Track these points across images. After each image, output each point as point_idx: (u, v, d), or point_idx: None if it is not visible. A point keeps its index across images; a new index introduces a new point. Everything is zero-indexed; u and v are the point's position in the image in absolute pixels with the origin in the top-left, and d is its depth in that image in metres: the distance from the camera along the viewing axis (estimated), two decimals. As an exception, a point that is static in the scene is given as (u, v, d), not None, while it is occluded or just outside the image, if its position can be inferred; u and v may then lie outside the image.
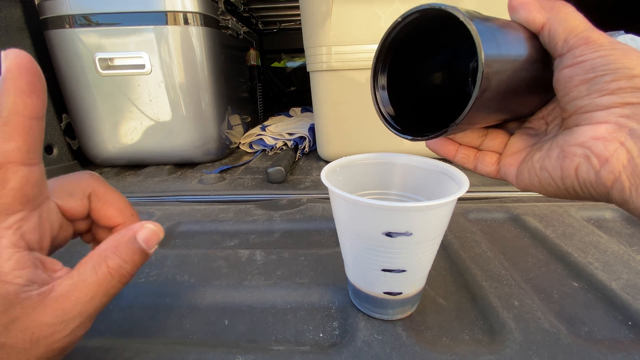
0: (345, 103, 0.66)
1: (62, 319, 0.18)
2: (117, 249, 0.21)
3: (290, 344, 0.26)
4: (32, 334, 0.18)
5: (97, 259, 0.20)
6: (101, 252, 0.20)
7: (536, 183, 0.23)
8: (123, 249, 0.21)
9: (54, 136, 0.69)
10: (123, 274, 0.20)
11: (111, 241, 0.21)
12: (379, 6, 0.59)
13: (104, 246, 0.21)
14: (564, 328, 0.26)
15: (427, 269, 0.26)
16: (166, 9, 0.62)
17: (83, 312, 0.19)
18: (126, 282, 0.21)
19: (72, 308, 0.19)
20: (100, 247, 0.21)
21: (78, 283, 0.19)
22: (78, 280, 0.19)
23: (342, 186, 0.23)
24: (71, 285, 0.19)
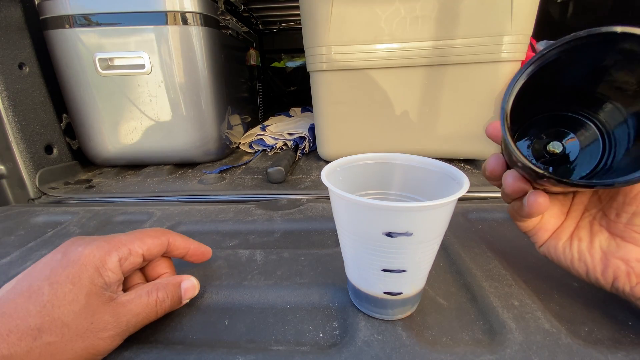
0: (345, 103, 0.66)
1: (115, 320, 0.24)
2: (167, 286, 0.27)
3: (290, 344, 0.26)
4: (91, 323, 0.23)
5: (152, 287, 0.27)
6: (157, 284, 0.27)
7: (566, 264, 0.27)
8: (170, 289, 0.27)
9: (54, 136, 0.69)
10: (162, 307, 0.27)
11: (164, 279, 0.28)
12: (379, 6, 0.59)
13: (160, 281, 0.28)
14: (564, 328, 0.26)
15: (427, 269, 0.26)
16: (166, 9, 0.62)
17: (129, 321, 0.24)
18: (160, 315, 0.27)
19: (124, 315, 0.24)
20: (157, 281, 0.28)
21: (135, 298, 0.25)
22: (135, 296, 0.25)
23: (342, 186, 0.23)
24: (129, 300, 0.25)
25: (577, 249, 0.25)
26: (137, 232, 0.28)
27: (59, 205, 0.57)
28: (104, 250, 0.25)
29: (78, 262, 0.23)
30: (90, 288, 0.23)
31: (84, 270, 0.23)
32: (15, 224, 0.48)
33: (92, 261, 0.24)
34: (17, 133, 0.60)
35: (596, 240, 0.25)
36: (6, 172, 0.60)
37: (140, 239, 0.27)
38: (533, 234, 0.28)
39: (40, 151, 0.65)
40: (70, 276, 0.23)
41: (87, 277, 0.23)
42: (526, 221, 0.28)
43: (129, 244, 0.27)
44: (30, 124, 0.63)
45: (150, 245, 0.28)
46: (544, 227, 0.27)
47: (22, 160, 0.61)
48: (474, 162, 0.73)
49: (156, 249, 0.28)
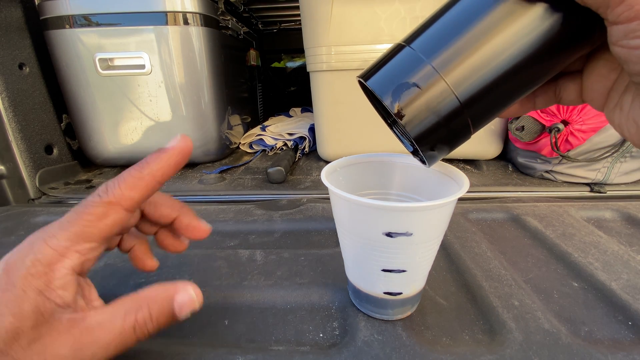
0: (345, 103, 0.66)
1: (75, 354, 0.18)
2: (153, 303, 0.21)
3: (290, 344, 0.26)
4: (44, 359, 0.18)
5: (131, 306, 0.20)
6: (139, 299, 0.21)
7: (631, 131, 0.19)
8: (155, 306, 0.21)
9: (54, 136, 0.69)
10: (144, 332, 0.20)
11: (152, 291, 0.21)
12: (379, 6, 0.59)
13: (146, 293, 0.21)
14: (564, 328, 0.26)
15: (427, 269, 0.26)
16: (166, 9, 0.62)
17: (95, 354, 0.19)
18: (142, 339, 0.20)
19: (89, 346, 0.19)
20: (142, 293, 0.21)
21: (106, 323, 0.19)
22: (107, 319, 0.19)
23: (342, 186, 0.23)
24: (99, 323, 0.19)
25: (618, 121, 0.19)
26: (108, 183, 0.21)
27: (59, 205, 0.57)
28: (47, 259, 0.19)
29: (16, 286, 0.18)
30: (36, 318, 0.18)
31: (24, 296, 0.18)
32: (15, 224, 0.48)
33: (34, 283, 0.18)
34: (17, 133, 0.60)
35: (632, 110, 0.18)
36: (6, 172, 0.60)
37: (114, 186, 0.20)
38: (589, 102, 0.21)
39: (41, 151, 0.65)
40: (9, 305, 0.18)
41: (29, 305, 0.18)
42: None
43: (89, 216, 0.19)
44: (30, 124, 0.63)
45: (129, 186, 0.20)
46: (589, 95, 0.21)
47: (22, 160, 0.61)
48: (474, 162, 0.73)
49: (144, 189, 0.21)
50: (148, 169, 0.20)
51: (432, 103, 0.18)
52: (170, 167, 0.21)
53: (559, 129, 0.55)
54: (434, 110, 0.18)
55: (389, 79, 0.18)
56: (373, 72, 0.19)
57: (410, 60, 0.18)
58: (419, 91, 0.18)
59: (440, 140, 0.19)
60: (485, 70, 0.17)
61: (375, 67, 0.19)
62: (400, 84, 0.18)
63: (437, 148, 0.20)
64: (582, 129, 0.55)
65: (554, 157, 0.59)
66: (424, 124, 0.18)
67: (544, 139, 0.59)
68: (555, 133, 0.56)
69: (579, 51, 0.18)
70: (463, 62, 0.17)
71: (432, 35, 0.18)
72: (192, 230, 0.26)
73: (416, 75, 0.18)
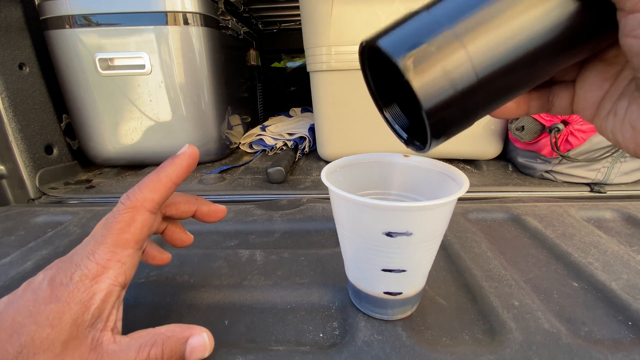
0: (345, 103, 0.67)
1: None
2: (167, 341, 0.21)
3: (290, 344, 0.26)
4: None
5: (147, 340, 0.21)
6: (155, 335, 0.21)
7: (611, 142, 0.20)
8: (170, 345, 0.21)
9: (54, 136, 0.69)
10: None
11: (168, 330, 0.22)
12: (379, 6, 0.59)
13: (161, 330, 0.22)
14: (564, 328, 0.26)
15: (427, 269, 0.26)
16: (166, 9, 0.63)
17: None
18: None
19: None
20: (158, 330, 0.22)
21: (121, 352, 0.20)
22: (123, 350, 0.20)
23: (342, 186, 0.23)
24: (115, 353, 0.20)
25: (611, 127, 0.20)
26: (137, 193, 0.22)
27: (59, 205, 0.57)
28: (93, 272, 0.20)
29: (61, 299, 0.19)
30: (70, 332, 0.19)
31: (66, 308, 0.19)
32: (15, 224, 0.48)
33: (78, 296, 0.19)
34: (17, 133, 0.60)
35: (628, 114, 0.19)
36: (6, 172, 0.60)
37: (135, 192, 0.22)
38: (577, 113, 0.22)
39: (41, 151, 0.65)
40: (50, 317, 0.18)
41: (69, 316, 0.19)
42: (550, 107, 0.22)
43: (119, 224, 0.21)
44: (30, 124, 0.63)
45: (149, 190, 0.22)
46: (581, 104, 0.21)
47: (22, 160, 0.61)
48: (474, 162, 0.73)
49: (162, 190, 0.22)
50: (164, 172, 0.22)
51: (449, 70, 0.16)
52: (184, 169, 0.23)
53: (559, 129, 0.55)
54: (451, 79, 0.16)
55: (402, 39, 0.16)
56: (383, 34, 0.17)
57: (428, 24, 0.16)
58: (437, 54, 0.16)
59: (451, 115, 0.17)
60: (505, 49, 0.16)
61: (385, 30, 0.17)
62: (416, 42, 0.16)
63: (445, 125, 0.18)
64: (582, 129, 0.55)
65: (554, 157, 0.59)
66: (438, 92, 0.16)
67: (544, 139, 0.59)
68: (555, 133, 0.56)
69: (589, 46, 0.18)
70: (485, 36, 0.16)
71: (453, 4, 0.17)
72: (214, 214, 0.29)
73: (434, 38, 0.16)
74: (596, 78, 0.20)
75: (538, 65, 0.18)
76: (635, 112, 0.18)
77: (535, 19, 0.16)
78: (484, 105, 0.18)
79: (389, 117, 0.23)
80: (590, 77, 0.20)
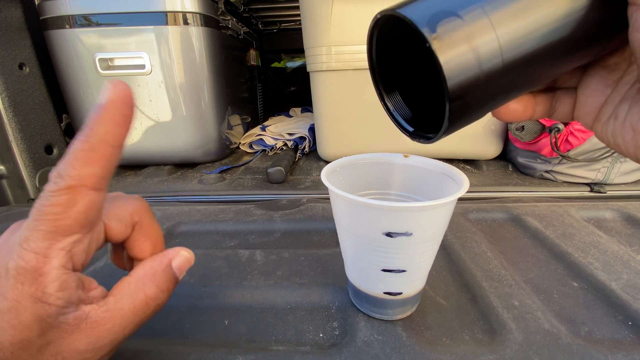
0: (345, 103, 0.66)
1: (93, 346, 0.18)
2: (155, 277, 0.21)
3: (290, 344, 0.26)
4: (62, 358, 0.18)
5: (135, 287, 0.20)
6: (138, 279, 0.20)
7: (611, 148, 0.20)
8: (160, 278, 0.21)
9: (54, 136, 0.69)
10: (158, 304, 0.21)
11: (148, 268, 0.21)
12: (379, 6, 0.58)
13: (141, 272, 0.21)
14: (564, 328, 0.26)
15: (427, 269, 0.26)
16: (166, 9, 0.62)
17: (114, 340, 0.19)
18: (158, 310, 0.21)
19: (105, 336, 0.18)
20: (137, 274, 0.21)
21: (114, 311, 0.19)
22: (114, 307, 0.19)
23: (342, 186, 0.23)
24: (107, 312, 0.19)
25: (612, 130, 0.20)
26: None
27: (59, 205, 0.57)
28: (32, 264, 0.17)
29: (8, 297, 0.17)
30: (40, 326, 0.17)
31: (19, 307, 0.17)
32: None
33: (26, 291, 0.17)
34: (17, 133, 0.60)
35: (629, 116, 0.19)
36: (6, 172, 0.60)
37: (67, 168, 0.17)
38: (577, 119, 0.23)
39: (41, 151, 0.65)
40: (5, 318, 0.17)
41: (27, 314, 0.17)
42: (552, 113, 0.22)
43: (55, 208, 0.17)
44: (30, 124, 0.63)
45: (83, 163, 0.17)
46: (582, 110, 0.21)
47: (23, 160, 0.61)
48: (473, 162, 0.73)
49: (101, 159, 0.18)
50: (95, 135, 0.17)
51: (477, 47, 0.15)
52: (119, 125, 0.18)
53: (559, 129, 0.55)
54: (478, 56, 0.15)
55: (429, 8, 0.15)
56: (404, 4, 0.16)
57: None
58: (466, 28, 0.15)
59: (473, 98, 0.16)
60: (531, 36, 0.16)
61: (405, 1, 0.16)
62: (444, 12, 0.15)
63: (463, 108, 0.16)
64: (582, 129, 0.55)
65: (554, 157, 0.59)
66: (464, 68, 0.15)
67: (544, 139, 0.59)
68: (555, 133, 0.56)
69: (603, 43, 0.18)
70: (512, 19, 0.15)
71: None
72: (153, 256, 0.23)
73: (464, 11, 0.15)
74: (598, 84, 0.20)
75: (556, 58, 0.17)
76: (636, 114, 0.18)
77: (559, 8, 0.16)
78: (502, 94, 0.17)
79: (390, 105, 0.22)
80: (592, 83, 0.21)
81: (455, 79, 0.15)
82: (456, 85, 0.15)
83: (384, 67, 0.22)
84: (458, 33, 0.15)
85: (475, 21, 0.15)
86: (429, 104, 0.20)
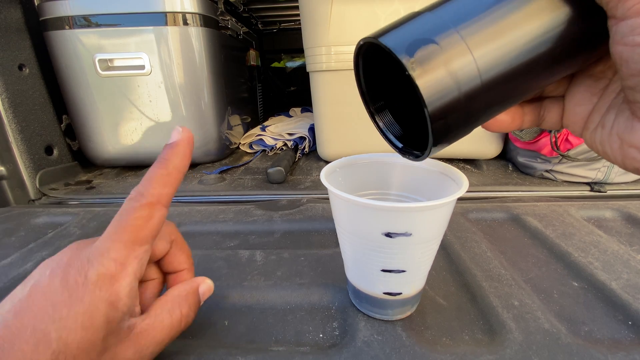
0: (345, 103, 0.66)
1: (139, 355, 0.21)
2: (187, 298, 0.24)
3: (290, 344, 0.26)
4: None
5: (172, 305, 0.23)
6: (174, 298, 0.23)
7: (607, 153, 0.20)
8: (191, 299, 0.24)
9: (54, 137, 0.69)
10: (188, 322, 0.24)
11: (181, 290, 0.24)
12: (379, 6, 0.59)
13: (176, 293, 0.24)
14: (564, 328, 0.26)
15: (426, 269, 0.26)
16: (166, 10, 0.63)
17: (154, 351, 0.21)
18: (185, 329, 0.24)
19: (148, 346, 0.21)
20: (173, 293, 0.24)
21: (156, 324, 0.21)
22: (155, 320, 0.22)
23: (342, 186, 0.23)
24: (150, 325, 0.21)
25: (600, 139, 0.20)
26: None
27: (60, 206, 0.57)
28: (111, 271, 0.19)
29: (84, 300, 0.18)
30: (107, 328, 0.19)
31: (94, 309, 0.19)
32: (15, 225, 0.48)
33: (102, 295, 0.19)
34: (17, 134, 0.61)
35: (615, 125, 0.19)
36: (6, 173, 0.60)
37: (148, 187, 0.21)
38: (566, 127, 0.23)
39: (41, 152, 0.65)
40: (79, 319, 0.18)
41: (100, 316, 0.19)
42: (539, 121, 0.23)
43: (137, 220, 0.20)
44: (30, 125, 0.63)
45: (161, 184, 0.22)
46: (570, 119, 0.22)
47: (23, 161, 0.61)
48: (474, 162, 0.73)
49: (174, 183, 0.22)
50: (171, 164, 0.22)
51: (454, 70, 0.15)
52: (187, 157, 0.23)
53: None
54: (456, 80, 0.16)
55: (407, 36, 0.16)
56: (384, 32, 0.17)
57: (433, 24, 0.16)
58: (443, 54, 0.15)
59: (453, 118, 0.17)
60: (509, 55, 0.16)
61: (386, 28, 0.17)
62: (421, 40, 0.15)
63: (447, 129, 0.17)
64: (582, 129, 0.55)
65: (554, 156, 0.59)
66: (443, 92, 0.16)
67: (543, 139, 0.59)
68: (555, 132, 0.56)
69: (585, 55, 0.19)
70: (489, 41, 0.16)
71: (457, 7, 0.16)
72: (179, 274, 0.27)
73: (440, 38, 0.15)
74: (585, 93, 0.20)
75: (537, 73, 0.18)
76: (622, 123, 0.18)
77: (536, 26, 0.16)
78: (484, 111, 0.18)
79: (382, 124, 0.23)
80: (578, 92, 0.21)
81: (435, 103, 0.16)
82: (436, 109, 0.16)
83: (373, 86, 0.22)
84: (435, 59, 0.15)
85: (452, 46, 0.16)
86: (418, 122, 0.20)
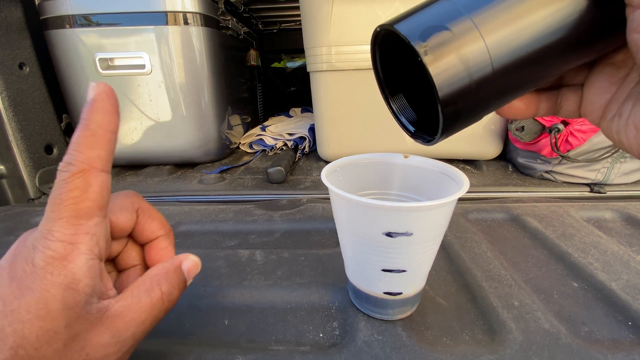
0: (345, 103, 0.66)
1: (117, 339, 0.19)
2: (167, 275, 0.22)
3: (290, 344, 0.26)
4: (86, 354, 0.18)
5: (150, 283, 0.21)
6: (152, 277, 0.21)
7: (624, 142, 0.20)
8: (172, 276, 0.22)
9: (54, 136, 0.69)
10: (171, 300, 0.21)
11: (160, 268, 0.22)
12: (379, 6, 0.59)
13: (154, 272, 0.22)
14: (564, 328, 0.26)
15: (427, 269, 0.26)
16: (166, 9, 0.62)
17: (135, 334, 0.19)
18: (170, 308, 0.22)
19: (126, 329, 0.19)
20: (150, 273, 0.22)
21: (132, 304, 0.19)
22: (132, 301, 0.20)
23: (342, 186, 0.23)
24: (126, 306, 0.19)
25: (616, 128, 0.20)
26: None
27: (59, 205, 0.57)
28: (60, 253, 0.17)
29: (34, 289, 0.17)
30: (68, 315, 0.17)
31: (48, 296, 0.17)
32: (15, 224, 0.48)
33: (55, 280, 0.17)
34: (17, 133, 0.60)
35: (632, 114, 0.19)
36: (6, 172, 0.60)
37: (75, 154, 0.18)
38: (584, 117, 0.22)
39: (41, 151, 0.65)
40: (32, 309, 0.16)
41: (56, 302, 0.17)
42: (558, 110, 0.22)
43: (72, 192, 0.18)
44: (30, 124, 0.63)
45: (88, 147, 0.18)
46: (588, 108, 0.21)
47: (22, 160, 0.61)
48: (473, 162, 0.73)
49: (103, 143, 0.19)
50: (94, 123, 0.18)
51: (466, 58, 0.16)
52: (110, 112, 0.19)
53: (559, 129, 0.55)
54: (467, 67, 0.16)
55: (421, 23, 0.16)
56: (400, 19, 0.17)
57: (447, 11, 0.16)
58: (455, 41, 0.16)
59: (464, 105, 0.17)
60: (521, 43, 0.16)
61: (402, 15, 0.17)
62: (434, 27, 0.16)
63: (457, 115, 0.17)
64: (582, 129, 0.55)
65: (554, 157, 0.59)
66: (454, 79, 0.16)
67: (544, 139, 0.59)
68: (555, 133, 0.56)
69: (600, 45, 0.18)
70: (502, 28, 0.16)
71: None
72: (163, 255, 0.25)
73: (453, 25, 0.16)
74: (604, 81, 0.20)
75: (550, 61, 0.18)
76: (639, 113, 0.18)
77: (550, 13, 0.16)
78: (496, 98, 0.18)
79: (396, 108, 0.23)
80: (598, 81, 0.20)
81: (446, 89, 0.16)
82: (447, 94, 0.16)
83: (388, 70, 0.22)
84: (447, 45, 0.16)
85: (464, 33, 0.16)
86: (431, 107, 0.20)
